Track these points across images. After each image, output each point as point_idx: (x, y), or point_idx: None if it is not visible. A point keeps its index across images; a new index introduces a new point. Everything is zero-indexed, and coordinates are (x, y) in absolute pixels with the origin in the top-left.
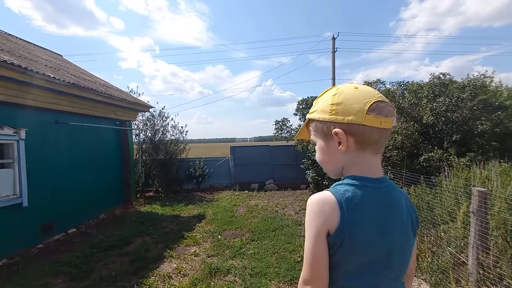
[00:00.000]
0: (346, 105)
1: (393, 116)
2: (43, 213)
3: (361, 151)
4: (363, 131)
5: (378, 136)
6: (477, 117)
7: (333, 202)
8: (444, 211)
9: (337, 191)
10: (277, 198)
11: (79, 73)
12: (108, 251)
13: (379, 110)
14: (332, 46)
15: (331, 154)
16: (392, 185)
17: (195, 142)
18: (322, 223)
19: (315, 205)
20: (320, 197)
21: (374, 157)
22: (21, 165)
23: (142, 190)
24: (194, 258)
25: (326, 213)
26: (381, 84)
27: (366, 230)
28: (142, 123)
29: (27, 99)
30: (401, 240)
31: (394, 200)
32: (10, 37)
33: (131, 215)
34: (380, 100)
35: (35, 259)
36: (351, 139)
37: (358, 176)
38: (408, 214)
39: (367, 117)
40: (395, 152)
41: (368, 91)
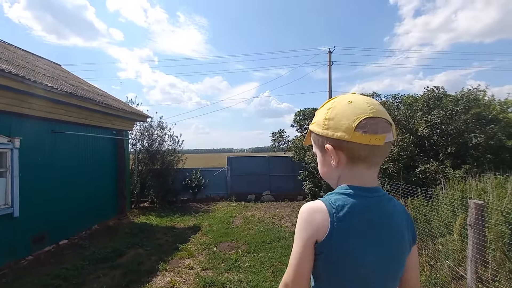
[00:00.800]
0: (336, 121)
1: (385, 132)
2: (34, 224)
3: (353, 165)
4: (352, 147)
5: (367, 153)
6: (471, 130)
7: (323, 211)
8: (441, 224)
9: (328, 200)
10: (273, 209)
11: (77, 83)
12: (100, 263)
13: (367, 128)
14: (328, 59)
15: (327, 167)
16: (386, 196)
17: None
18: (310, 231)
19: (306, 214)
20: (311, 205)
21: (368, 170)
22: (14, 174)
23: (137, 200)
24: (188, 271)
25: (315, 221)
26: (377, 96)
27: (356, 240)
28: (140, 133)
29: (24, 107)
30: (395, 253)
31: (388, 211)
32: (9, 47)
33: (125, 226)
34: (371, 116)
35: (25, 271)
36: (341, 154)
37: (350, 185)
38: (404, 227)
39: (355, 134)
40: (392, 164)
41: (361, 107)
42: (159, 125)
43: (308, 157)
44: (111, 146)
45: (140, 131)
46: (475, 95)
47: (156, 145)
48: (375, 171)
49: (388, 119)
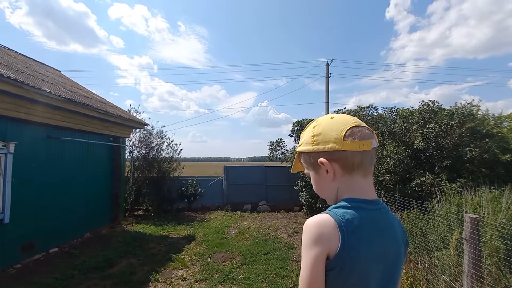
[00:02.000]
0: (325, 134)
1: (370, 138)
2: (24, 231)
3: (349, 175)
4: (345, 155)
5: (360, 158)
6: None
7: (332, 225)
8: (437, 238)
9: (336, 214)
10: (269, 220)
11: (76, 89)
12: (90, 273)
13: (354, 135)
14: (326, 72)
15: (324, 183)
16: (385, 208)
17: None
18: (322, 247)
19: (314, 228)
20: (319, 219)
21: (365, 179)
22: (6, 179)
23: (132, 208)
24: (181, 282)
25: (326, 236)
26: (374, 109)
27: (365, 253)
28: (138, 140)
29: (21, 112)
30: (394, 263)
31: (389, 223)
32: (9, 52)
33: (118, 235)
34: (355, 125)
35: (12, 280)
36: (335, 165)
37: (354, 198)
38: (400, 238)
39: (345, 142)
40: (388, 176)
41: (343, 119)
42: (158, 134)
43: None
44: (107, 152)
45: (139, 139)
46: (469, 109)
47: (154, 153)
48: (370, 180)
49: (369, 128)
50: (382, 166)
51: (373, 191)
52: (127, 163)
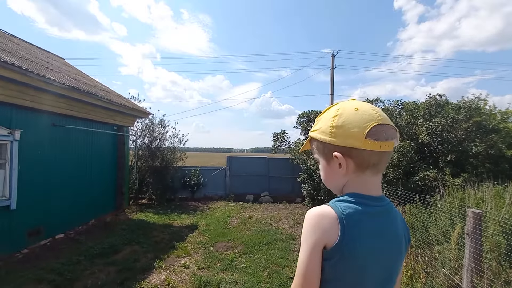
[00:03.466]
0: (345, 129)
1: (394, 138)
2: (31, 217)
3: (361, 172)
4: (362, 154)
5: (378, 159)
6: (472, 139)
7: (333, 217)
8: (438, 231)
9: (337, 207)
10: (271, 210)
11: (80, 77)
12: (96, 259)
13: (378, 135)
14: (331, 63)
15: (333, 174)
16: (390, 204)
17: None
18: (320, 237)
19: (314, 218)
20: (320, 211)
21: (374, 177)
22: (13, 166)
23: (135, 197)
24: (184, 270)
25: (325, 227)
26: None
27: (364, 248)
28: (141, 130)
29: (25, 100)
30: (394, 260)
31: (392, 220)
32: (13, 38)
33: (122, 223)
34: (380, 123)
35: (19, 264)
36: (350, 161)
37: (358, 194)
38: (402, 235)
39: (366, 142)
40: (391, 169)
41: (369, 113)
42: (160, 123)
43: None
44: (111, 141)
45: (141, 128)
46: (476, 104)
47: (157, 143)
48: (379, 178)
49: (393, 125)
50: None
51: (379, 187)
52: (131, 152)
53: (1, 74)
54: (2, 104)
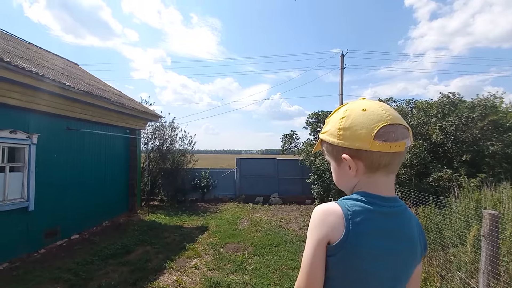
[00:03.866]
0: (353, 130)
1: (405, 138)
2: (47, 218)
3: (372, 173)
4: (372, 156)
5: (388, 160)
6: (488, 138)
7: (339, 214)
8: (453, 234)
9: (344, 204)
10: (281, 212)
11: (93, 82)
12: (109, 259)
13: (387, 136)
14: (340, 63)
15: (343, 176)
16: (403, 206)
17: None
18: (325, 232)
19: (321, 214)
20: (326, 207)
21: (386, 177)
22: (30, 169)
23: (147, 198)
24: (194, 271)
25: (330, 223)
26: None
27: (369, 247)
28: (151, 132)
29: (42, 105)
30: (405, 262)
31: (404, 222)
32: (30, 46)
33: (134, 224)
34: (389, 123)
35: (37, 264)
36: (360, 163)
37: (367, 193)
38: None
39: (374, 143)
40: (404, 170)
41: (377, 114)
42: (170, 125)
43: (318, 160)
44: (124, 144)
45: (152, 131)
46: (492, 102)
47: (168, 145)
48: (393, 178)
49: (405, 124)
50: None
51: (392, 188)
52: (142, 154)
53: (19, 80)
54: (20, 109)
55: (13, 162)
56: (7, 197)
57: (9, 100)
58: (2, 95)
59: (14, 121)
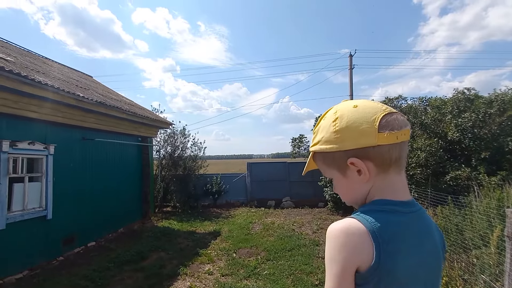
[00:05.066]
0: (352, 128)
1: (407, 125)
2: (65, 226)
3: (384, 173)
4: (381, 151)
5: (398, 152)
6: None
7: (363, 232)
8: (475, 235)
9: (366, 219)
10: (293, 216)
11: (106, 93)
12: (124, 265)
13: (391, 125)
14: (349, 63)
15: (353, 185)
16: (422, 209)
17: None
18: (351, 257)
19: (341, 235)
20: (346, 225)
21: (399, 176)
22: (48, 179)
23: (160, 205)
24: (208, 276)
25: (356, 245)
26: (403, 100)
27: (405, 266)
28: (163, 140)
29: (58, 116)
30: (436, 273)
31: (428, 226)
32: (47, 61)
33: (149, 230)
34: (387, 112)
35: (55, 271)
36: (370, 164)
37: (387, 200)
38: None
39: (380, 136)
40: (419, 170)
41: (372, 106)
42: (181, 132)
43: None
44: (136, 152)
45: (164, 138)
46: (510, 96)
47: (179, 152)
48: (404, 177)
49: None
50: (413, 159)
51: (407, 189)
52: (155, 161)
53: (36, 94)
54: (37, 121)
55: (32, 172)
56: (27, 207)
57: (28, 113)
58: (21, 108)
59: (32, 133)
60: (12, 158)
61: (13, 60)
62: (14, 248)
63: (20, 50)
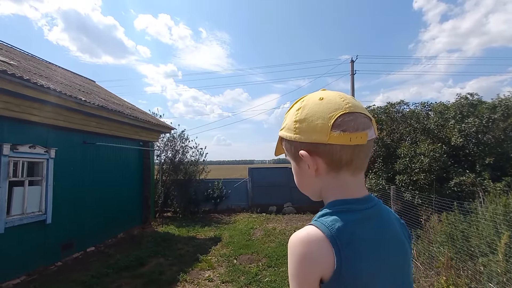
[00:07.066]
0: (309, 122)
1: (367, 128)
2: (64, 231)
3: (335, 173)
4: (331, 150)
5: (350, 155)
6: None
7: (322, 239)
8: (482, 242)
9: (324, 224)
10: (295, 221)
11: (108, 97)
12: (123, 271)
13: (346, 125)
14: (351, 69)
15: (305, 177)
16: (380, 203)
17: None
18: (312, 269)
19: (300, 247)
20: (304, 234)
21: (353, 177)
22: (48, 183)
23: (161, 210)
24: (208, 283)
25: (317, 255)
26: (405, 105)
27: (368, 266)
28: (164, 144)
29: (59, 120)
30: (402, 265)
31: (387, 219)
32: (50, 65)
33: (148, 235)
34: (348, 112)
35: (53, 277)
36: (319, 160)
37: (341, 200)
38: (402, 234)
39: (332, 135)
40: (423, 175)
41: (335, 102)
42: (180, 136)
43: None
44: (138, 156)
45: (164, 142)
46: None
47: (179, 156)
48: (362, 177)
49: (367, 113)
50: (416, 165)
51: (364, 186)
52: (155, 166)
53: (38, 97)
54: (39, 125)
55: (32, 176)
56: (26, 211)
57: (29, 117)
58: (23, 111)
59: (33, 136)
60: (13, 161)
61: (16, 64)
62: (12, 252)
63: (23, 55)
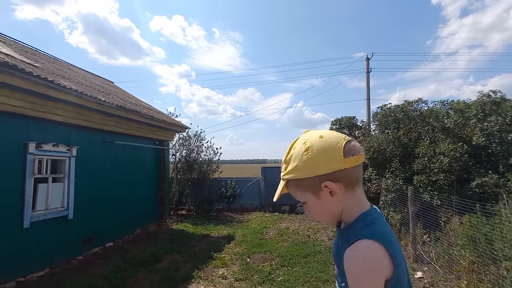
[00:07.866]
0: (322, 156)
1: (362, 150)
2: (85, 227)
3: (352, 191)
4: (347, 174)
5: (359, 172)
6: None
7: (380, 249)
8: (506, 245)
9: (372, 234)
10: (308, 221)
11: (126, 97)
12: (140, 267)
13: (352, 151)
14: (366, 67)
15: (327, 205)
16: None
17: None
18: (382, 277)
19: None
20: (368, 252)
21: (361, 189)
22: (70, 180)
23: (176, 208)
24: (222, 281)
25: (382, 263)
26: (423, 103)
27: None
28: (178, 143)
29: (81, 119)
30: None
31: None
32: (71, 67)
33: (164, 232)
34: (347, 140)
35: (74, 270)
36: (340, 184)
37: (364, 213)
38: None
39: (347, 160)
40: (442, 175)
41: (334, 136)
42: (195, 135)
43: None
44: (153, 155)
45: (179, 142)
46: None
47: (194, 155)
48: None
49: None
50: (435, 164)
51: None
52: (170, 165)
53: (61, 98)
54: (61, 124)
55: (55, 173)
56: (50, 206)
57: (53, 116)
58: (47, 111)
59: (56, 135)
60: (38, 159)
61: (41, 66)
62: (36, 246)
63: (47, 57)
